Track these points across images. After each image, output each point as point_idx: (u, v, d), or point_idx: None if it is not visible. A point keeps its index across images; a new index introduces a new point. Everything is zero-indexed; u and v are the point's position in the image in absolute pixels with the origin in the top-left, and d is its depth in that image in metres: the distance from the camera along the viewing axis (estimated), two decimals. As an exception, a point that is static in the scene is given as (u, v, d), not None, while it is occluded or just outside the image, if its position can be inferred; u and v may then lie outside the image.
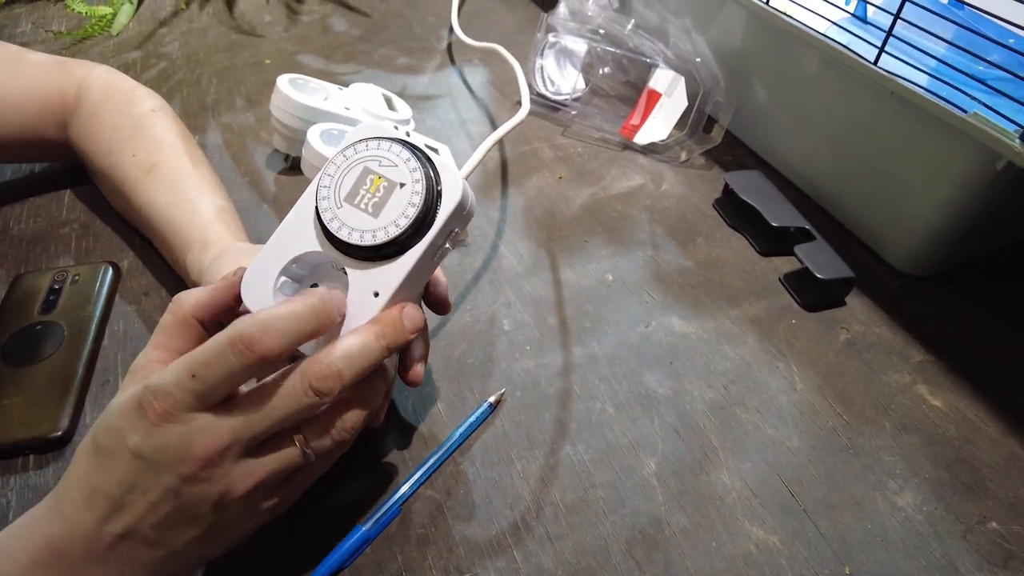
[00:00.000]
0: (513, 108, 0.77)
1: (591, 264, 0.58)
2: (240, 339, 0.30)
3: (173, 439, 0.30)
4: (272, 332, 0.30)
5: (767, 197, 0.61)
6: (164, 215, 0.51)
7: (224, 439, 0.30)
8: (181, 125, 0.59)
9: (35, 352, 0.49)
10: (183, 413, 0.30)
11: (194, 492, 0.30)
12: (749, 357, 0.52)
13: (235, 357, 0.30)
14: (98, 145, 0.57)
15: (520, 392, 0.48)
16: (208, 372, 0.30)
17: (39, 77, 0.58)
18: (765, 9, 0.60)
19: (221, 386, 0.30)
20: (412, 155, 0.34)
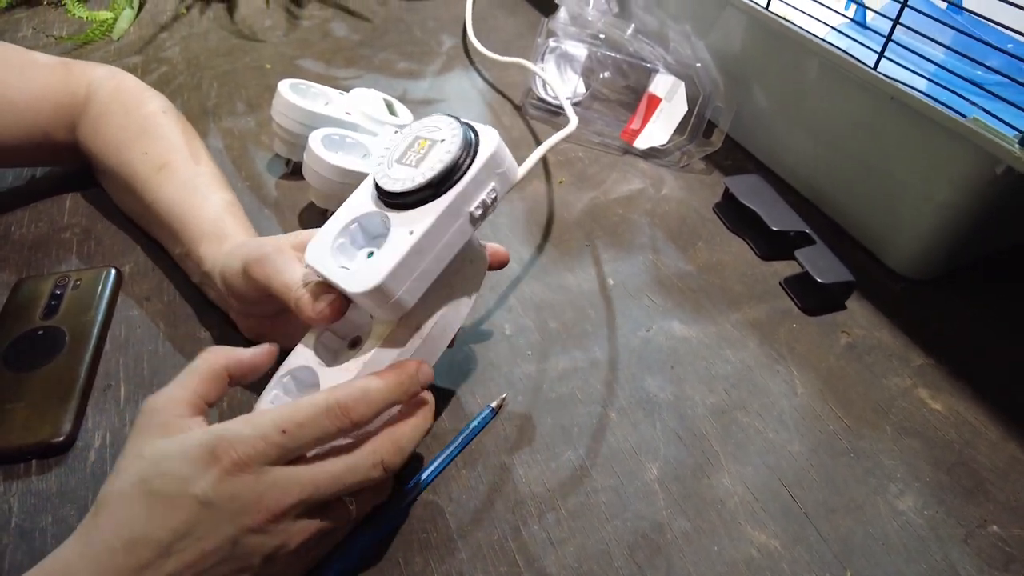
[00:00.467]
0: (512, 113, 0.77)
1: (592, 268, 0.58)
2: (339, 406, 0.33)
3: (245, 490, 0.31)
4: (368, 402, 0.34)
5: (767, 201, 0.61)
6: (176, 209, 0.52)
7: (294, 497, 0.32)
8: (189, 126, 0.60)
9: (37, 357, 0.49)
10: (260, 466, 0.31)
11: (252, 543, 0.32)
12: (750, 361, 0.52)
13: (330, 421, 0.33)
14: (107, 144, 0.57)
15: (522, 397, 0.48)
16: (301, 432, 0.32)
17: (49, 80, 0.59)
18: (765, 14, 0.60)
19: (309, 446, 0.33)
20: (456, 120, 0.38)
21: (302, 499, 0.32)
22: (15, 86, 0.57)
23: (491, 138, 0.37)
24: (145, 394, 0.47)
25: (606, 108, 0.77)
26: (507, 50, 0.87)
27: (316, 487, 0.33)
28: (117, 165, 0.56)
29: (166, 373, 0.49)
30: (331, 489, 0.33)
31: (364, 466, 0.34)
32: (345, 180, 0.56)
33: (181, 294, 0.55)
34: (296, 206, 0.63)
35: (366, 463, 0.34)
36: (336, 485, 0.33)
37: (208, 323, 0.52)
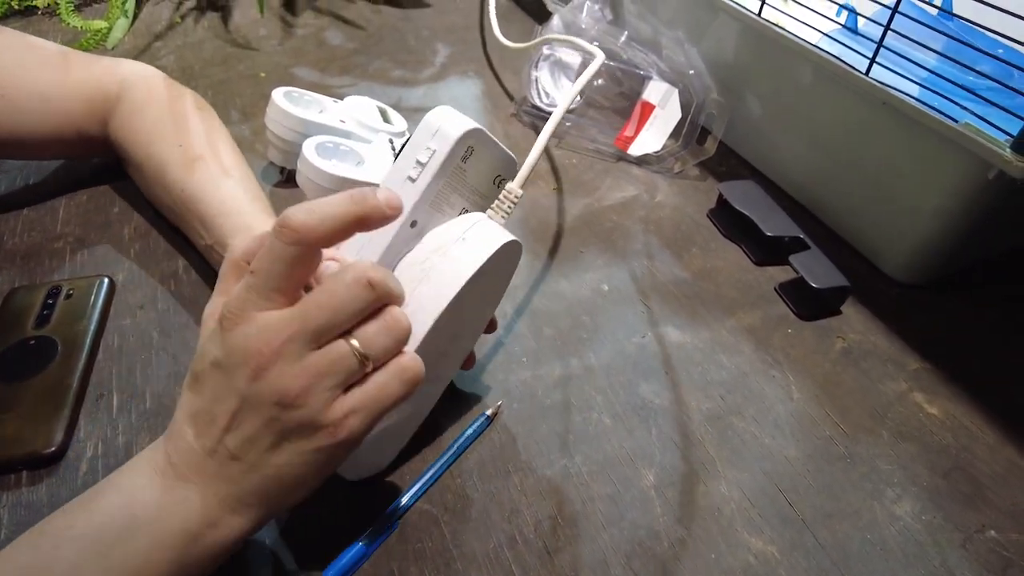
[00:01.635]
0: (509, 118, 0.77)
1: (587, 274, 0.58)
2: (283, 221, 0.31)
3: (239, 339, 0.31)
4: (315, 214, 0.31)
5: (761, 207, 0.61)
6: (208, 201, 0.53)
7: (282, 334, 0.31)
8: (220, 123, 0.62)
9: (29, 367, 0.49)
10: (250, 312, 0.31)
11: (261, 392, 0.31)
12: (745, 367, 0.52)
13: (279, 239, 0.31)
14: (140, 136, 0.59)
15: (517, 404, 0.48)
16: (261, 264, 0.31)
17: (84, 75, 0.60)
18: (757, 21, 0.61)
19: (276, 276, 0.31)
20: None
21: (292, 332, 0.31)
22: (49, 82, 0.58)
23: (434, 110, 0.38)
24: (138, 404, 0.47)
25: (600, 115, 0.77)
26: (501, 58, 0.87)
27: (303, 319, 0.31)
28: (149, 156, 0.57)
29: (159, 383, 0.49)
30: (318, 318, 0.31)
31: (344, 282, 0.32)
32: (339, 188, 0.56)
33: (175, 303, 0.54)
34: (290, 214, 0.63)
35: (346, 279, 0.32)
36: (324, 310, 0.31)
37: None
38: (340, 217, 0.32)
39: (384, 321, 0.34)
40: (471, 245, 0.38)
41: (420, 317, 0.36)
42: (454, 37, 0.93)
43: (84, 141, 0.61)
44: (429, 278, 0.37)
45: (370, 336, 0.33)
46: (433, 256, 0.37)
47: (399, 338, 0.34)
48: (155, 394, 0.48)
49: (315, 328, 0.31)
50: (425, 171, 0.37)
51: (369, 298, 0.33)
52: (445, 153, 0.37)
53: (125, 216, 0.63)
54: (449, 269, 0.37)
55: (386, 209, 0.33)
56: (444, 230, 0.39)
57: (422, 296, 0.37)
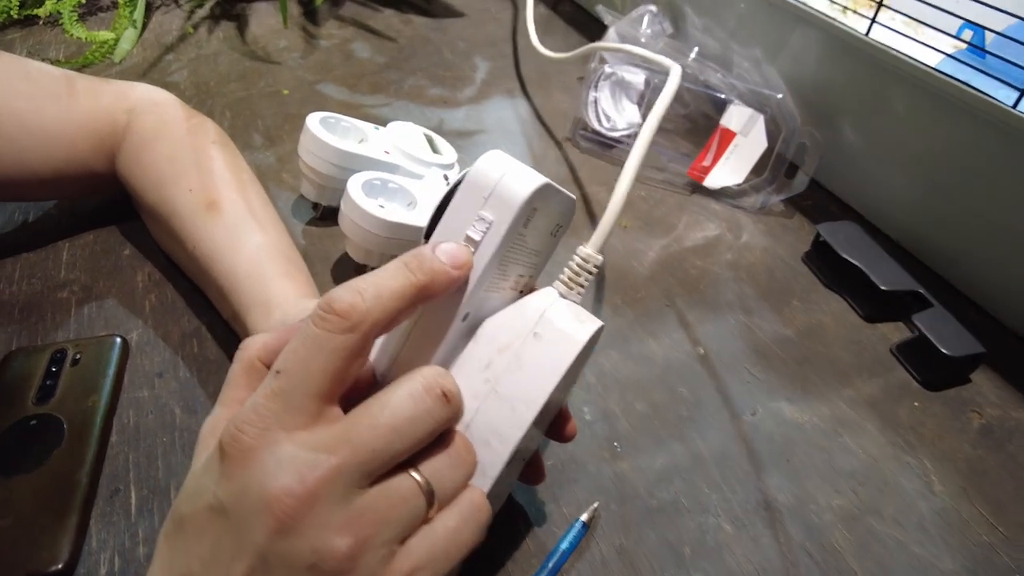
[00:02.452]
0: (563, 142, 0.69)
1: (677, 333, 0.50)
2: (327, 305, 0.24)
3: (256, 473, 0.23)
4: (367, 292, 0.24)
5: (868, 253, 0.54)
6: (223, 263, 0.45)
7: (321, 465, 0.23)
8: (241, 158, 0.53)
9: (29, 456, 0.41)
10: (273, 432, 0.23)
11: (290, 551, 0.22)
12: (874, 451, 0.44)
13: (322, 328, 0.24)
14: (148, 177, 0.50)
15: (615, 505, 0.40)
16: (292, 362, 0.24)
17: (91, 105, 0.51)
18: (858, 39, 0.53)
19: (315, 378, 0.24)
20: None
21: (338, 463, 0.23)
22: (53, 115, 0.50)
23: (483, 159, 0.28)
24: (160, 501, 0.39)
25: (665, 140, 0.69)
26: (546, 76, 0.80)
27: (354, 441, 0.23)
28: (158, 202, 0.49)
29: (184, 472, 0.41)
30: (378, 440, 0.23)
31: (411, 393, 0.25)
32: (390, 235, 0.48)
33: (199, 370, 0.46)
34: (328, 258, 0.55)
35: (413, 389, 0.25)
36: (382, 431, 0.24)
37: (233, 408, 0.44)
38: (399, 292, 0.25)
39: (455, 450, 0.26)
40: (548, 343, 0.29)
41: (494, 445, 0.28)
42: (494, 50, 0.85)
43: (91, 179, 0.53)
44: (497, 393, 0.29)
45: (439, 469, 0.25)
46: (498, 359, 0.29)
47: (468, 472, 0.27)
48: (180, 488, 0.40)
49: (369, 457, 0.23)
50: (480, 252, 0.27)
51: (443, 416, 0.25)
52: (507, 225, 0.27)
53: (137, 261, 0.55)
54: (523, 380, 0.28)
55: (451, 271, 0.26)
56: (507, 320, 0.30)
57: (492, 417, 0.28)
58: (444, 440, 0.26)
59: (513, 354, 0.29)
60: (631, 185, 0.33)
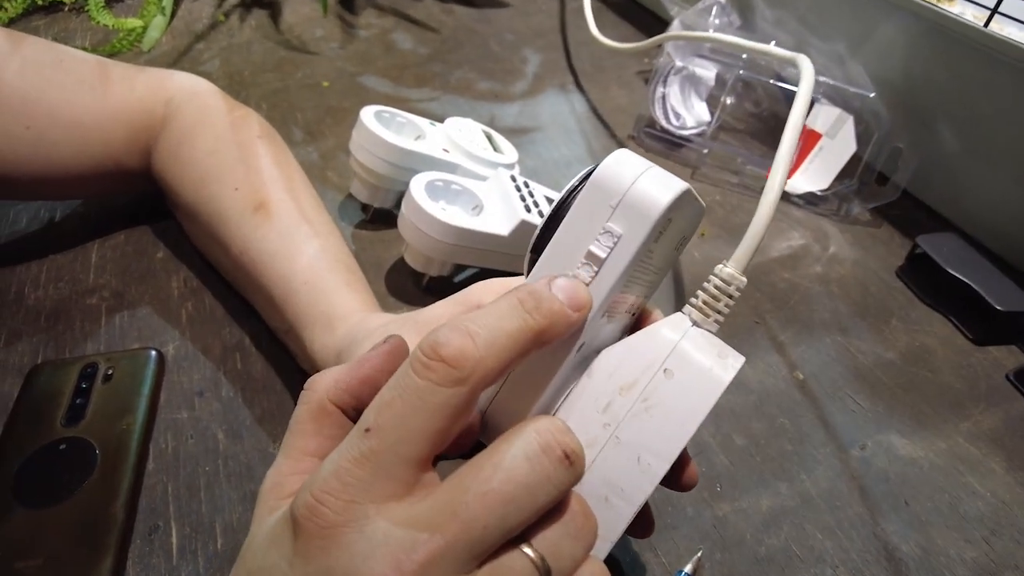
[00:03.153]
0: (625, 141, 0.64)
1: (771, 356, 0.45)
2: (433, 350, 0.20)
3: (344, 557, 0.19)
4: (480, 338, 0.20)
5: (977, 269, 0.48)
6: (276, 270, 0.40)
7: (423, 546, 0.18)
8: (289, 154, 0.49)
9: (59, 486, 0.36)
10: (362, 505, 0.19)
11: None
12: (1004, 494, 0.39)
13: (427, 379, 0.19)
14: (189, 173, 0.45)
15: (720, 553, 0.35)
16: (389, 415, 0.19)
17: (125, 94, 0.47)
18: (979, 31, 0.48)
19: (413, 437, 0.19)
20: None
21: (443, 543, 0.19)
22: (85, 107, 0.45)
23: (611, 158, 0.23)
24: (204, 540, 0.35)
25: (737, 141, 0.64)
26: (602, 70, 0.75)
27: (458, 522, 0.19)
28: (199, 201, 0.45)
29: (232, 509, 0.36)
30: (490, 514, 0.19)
31: (527, 454, 0.20)
32: (457, 241, 0.43)
33: (244, 388, 0.42)
34: (380, 265, 0.50)
35: (528, 449, 0.20)
36: (495, 503, 0.19)
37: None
38: (515, 337, 0.20)
39: (573, 519, 0.21)
40: (684, 382, 0.23)
41: (615, 503, 0.23)
42: (543, 42, 0.80)
43: (124, 176, 0.48)
44: (619, 441, 0.23)
45: (556, 542, 0.21)
46: (620, 401, 0.24)
47: (589, 544, 0.22)
48: (227, 527, 0.36)
49: (480, 535, 0.19)
50: (605, 272, 0.23)
51: (565, 483, 0.20)
52: (640, 241, 0.22)
53: (172, 265, 0.50)
54: (653, 427, 0.23)
55: (571, 313, 0.21)
56: (630, 353, 0.25)
57: (613, 470, 0.23)
58: (560, 507, 0.21)
59: (639, 395, 0.24)
60: (778, 197, 0.28)
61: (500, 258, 0.46)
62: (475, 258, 0.46)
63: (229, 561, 0.34)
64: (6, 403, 0.40)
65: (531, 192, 0.48)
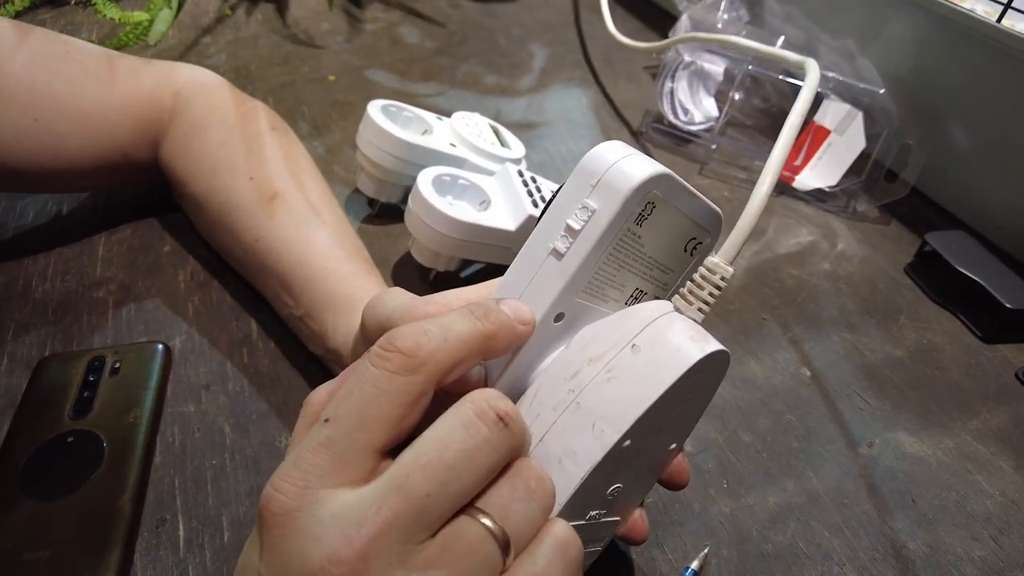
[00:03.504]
0: (633, 139, 0.64)
1: (778, 352, 0.45)
2: (389, 343, 0.21)
3: (298, 541, 0.19)
4: (433, 334, 0.22)
5: (987, 267, 0.48)
6: (293, 255, 0.41)
7: (371, 521, 0.19)
8: (301, 146, 0.49)
9: (66, 478, 0.36)
10: (315, 491, 0.20)
11: None
12: (1013, 493, 0.39)
13: (383, 368, 0.21)
14: (200, 164, 0.46)
15: (726, 550, 0.35)
16: (347, 404, 0.21)
17: (132, 89, 0.47)
18: (991, 27, 0.47)
19: (368, 423, 0.20)
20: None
21: (389, 516, 0.19)
22: (92, 98, 0.45)
23: (600, 146, 0.25)
24: (212, 534, 0.35)
25: (744, 136, 0.64)
26: (610, 65, 0.74)
27: (405, 488, 0.19)
28: (211, 191, 0.45)
29: (239, 503, 0.36)
30: (431, 482, 0.19)
31: (463, 421, 0.21)
32: (464, 236, 0.43)
33: (250, 382, 0.42)
34: (387, 259, 0.50)
35: (464, 416, 0.21)
36: (436, 470, 0.20)
37: (293, 426, 0.39)
38: (466, 338, 0.22)
39: (522, 480, 0.22)
40: (649, 358, 0.24)
41: (567, 465, 0.23)
42: (551, 36, 0.80)
43: (131, 168, 0.48)
44: (579, 406, 0.24)
45: (508, 505, 0.21)
46: (587, 369, 0.24)
47: (545, 503, 0.22)
48: (234, 520, 0.36)
49: (424, 504, 0.19)
50: (578, 243, 0.24)
51: (503, 444, 0.21)
52: (610, 216, 0.23)
53: (179, 258, 0.50)
54: (611, 396, 0.24)
55: (517, 325, 0.23)
56: (606, 329, 0.25)
57: (568, 433, 0.24)
58: (508, 471, 0.22)
59: (605, 366, 0.24)
60: (771, 189, 0.28)
61: (507, 253, 0.46)
62: (482, 253, 0.45)
63: (236, 554, 0.34)
64: (14, 396, 0.40)
65: (538, 187, 0.47)
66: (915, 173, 0.54)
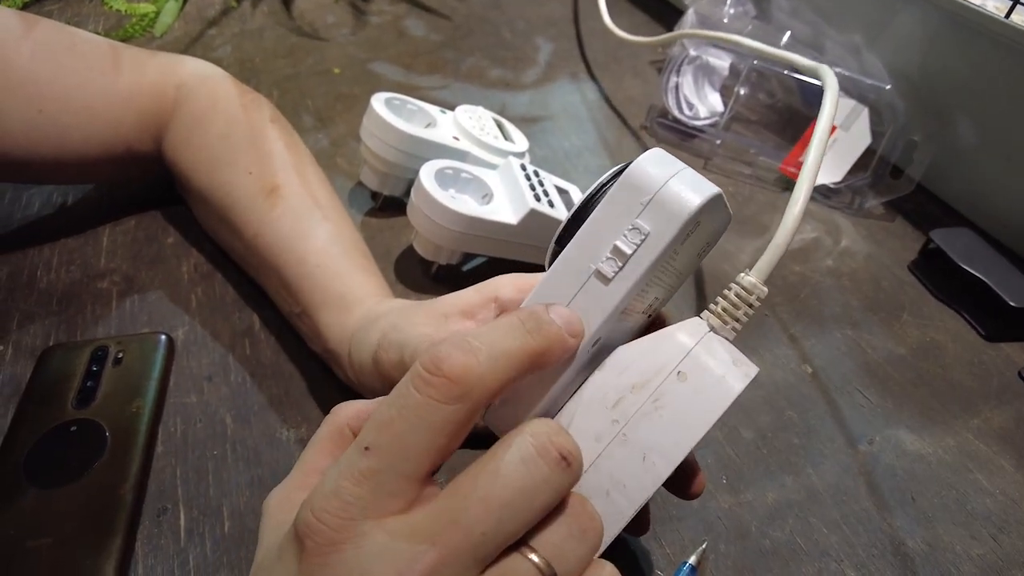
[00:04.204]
0: (638, 131, 0.64)
1: (780, 349, 0.45)
2: (434, 366, 0.20)
3: (342, 574, 0.19)
4: (481, 353, 0.20)
5: (991, 265, 0.48)
6: (290, 252, 0.41)
7: (426, 557, 0.18)
8: (299, 140, 0.49)
9: (69, 467, 0.37)
10: (361, 523, 0.19)
11: None
12: (1013, 492, 0.39)
13: (430, 395, 0.19)
14: (201, 158, 0.46)
15: (724, 545, 0.35)
16: (389, 433, 0.20)
17: (136, 81, 0.47)
18: (1000, 23, 0.47)
19: (416, 456, 0.19)
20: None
21: (438, 560, 0.19)
22: (97, 91, 0.45)
23: (645, 156, 0.23)
24: (212, 524, 0.35)
25: (750, 132, 0.63)
26: (615, 60, 0.74)
27: (457, 530, 0.19)
28: (212, 186, 0.45)
29: (239, 494, 0.37)
30: (488, 521, 0.19)
31: (522, 458, 0.20)
32: (466, 230, 0.43)
33: (252, 374, 0.42)
34: (390, 252, 0.50)
35: (524, 453, 0.20)
36: (493, 509, 0.19)
37: (294, 417, 0.40)
38: (516, 357, 0.20)
39: (576, 520, 0.21)
40: (696, 387, 0.23)
41: (616, 499, 0.23)
42: (555, 30, 0.79)
43: (135, 161, 0.48)
44: (627, 439, 0.23)
45: (559, 544, 0.21)
46: (631, 399, 0.24)
47: (594, 545, 0.22)
48: (235, 511, 0.36)
49: (479, 542, 0.19)
50: (629, 267, 0.23)
51: (563, 485, 0.21)
52: (667, 241, 0.22)
53: (182, 250, 0.50)
54: (662, 428, 0.23)
55: (568, 338, 0.22)
56: (645, 352, 0.24)
57: (617, 467, 0.23)
58: (562, 509, 0.21)
59: (651, 395, 0.24)
60: (804, 208, 0.28)
61: (509, 247, 0.46)
62: (484, 247, 0.45)
63: (236, 544, 0.34)
64: (18, 384, 0.40)
65: (541, 181, 0.47)
66: (920, 170, 0.53)
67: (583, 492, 0.23)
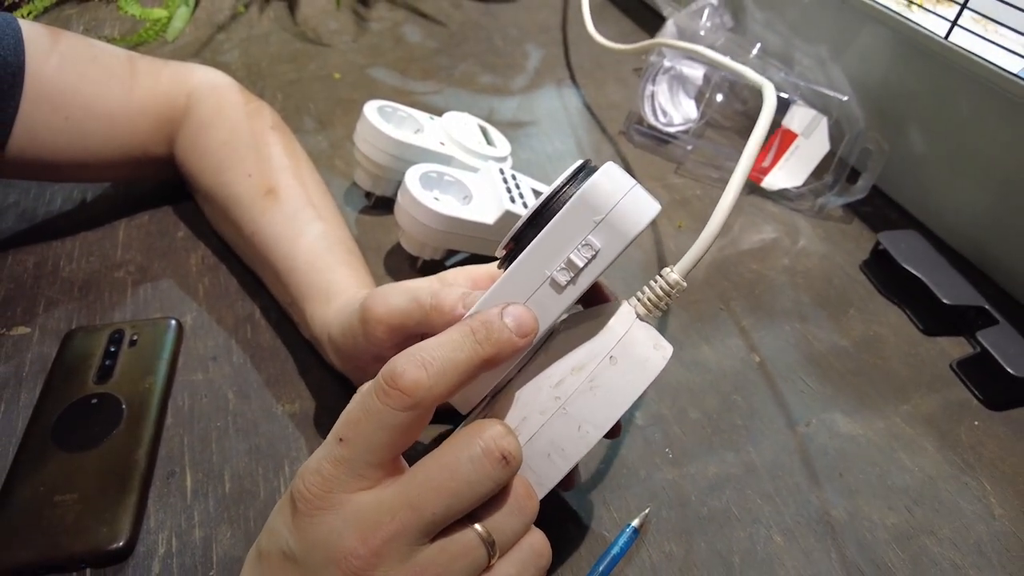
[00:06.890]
0: (616, 137, 0.68)
1: (732, 339, 0.49)
2: (390, 380, 0.25)
3: (323, 532, 0.25)
4: (432, 368, 0.25)
5: (931, 265, 0.52)
6: (281, 250, 0.45)
7: (385, 527, 0.24)
8: (298, 144, 0.53)
9: (91, 434, 0.41)
10: (337, 495, 0.25)
11: None
12: (931, 469, 0.43)
13: (386, 403, 0.25)
14: (207, 161, 0.50)
15: (666, 511, 0.40)
16: (357, 431, 0.25)
17: (151, 89, 0.52)
18: (939, 43, 0.51)
19: (378, 449, 0.25)
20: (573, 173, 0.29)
21: (400, 525, 0.24)
22: (116, 98, 0.50)
23: (600, 171, 0.27)
24: (216, 487, 0.40)
25: (722, 137, 0.68)
26: (600, 67, 0.78)
27: (415, 505, 0.25)
28: (216, 186, 0.50)
29: (239, 459, 0.41)
30: (438, 503, 0.25)
31: (470, 457, 0.25)
32: (446, 228, 0.48)
33: (252, 356, 0.47)
34: (380, 248, 0.55)
35: (472, 452, 0.26)
36: (442, 495, 0.25)
37: (288, 394, 0.45)
38: (465, 366, 0.26)
39: (515, 499, 0.27)
40: (624, 369, 0.29)
41: (555, 460, 0.29)
42: (546, 38, 0.84)
43: (150, 162, 0.53)
44: (566, 412, 0.29)
45: (499, 520, 0.26)
46: (571, 379, 0.29)
47: (529, 519, 0.27)
48: (235, 474, 0.41)
49: (430, 519, 0.25)
50: (581, 279, 0.27)
51: (503, 478, 0.26)
52: (613, 256, 0.27)
53: (191, 243, 0.55)
54: (594, 404, 0.28)
55: (517, 340, 0.27)
56: (583, 338, 0.29)
57: (557, 434, 0.29)
58: (507, 490, 0.27)
59: (587, 376, 0.29)
60: (728, 214, 0.33)
61: (487, 244, 0.50)
62: (464, 244, 0.50)
63: (235, 503, 0.39)
64: (45, 362, 0.45)
65: (517, 184, 0.52)
66: (874, 176, 0.57)
67: (528, 454, 0.28)
